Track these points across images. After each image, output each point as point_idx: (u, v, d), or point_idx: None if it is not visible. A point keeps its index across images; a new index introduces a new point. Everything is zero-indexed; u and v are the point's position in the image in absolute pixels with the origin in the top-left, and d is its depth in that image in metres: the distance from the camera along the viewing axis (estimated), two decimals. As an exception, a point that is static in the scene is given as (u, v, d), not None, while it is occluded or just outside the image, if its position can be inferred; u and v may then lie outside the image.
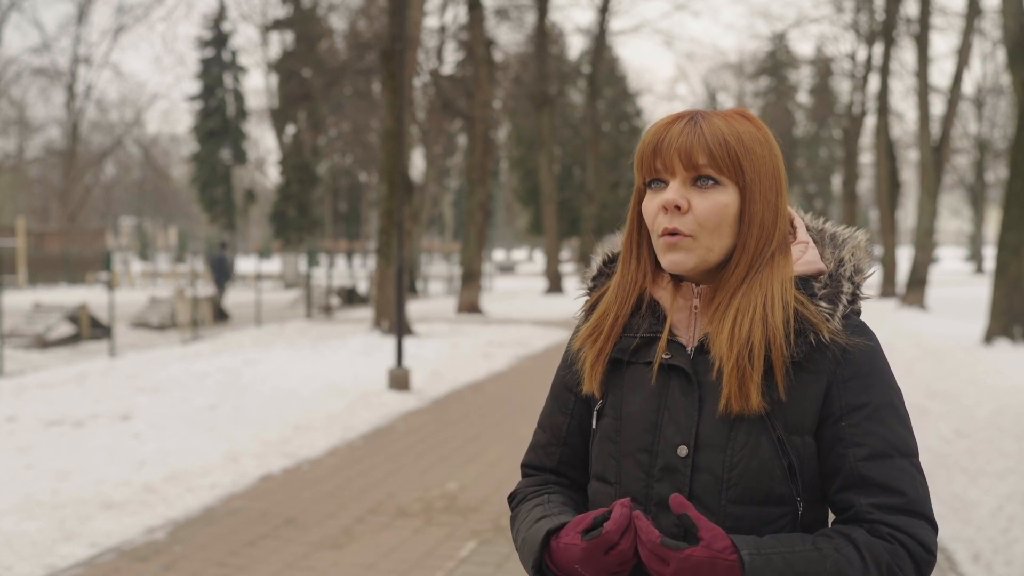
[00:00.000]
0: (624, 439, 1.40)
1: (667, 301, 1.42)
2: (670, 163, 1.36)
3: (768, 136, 1.40)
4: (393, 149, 15.27)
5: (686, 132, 1.35)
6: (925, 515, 1.31)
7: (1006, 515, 5.58)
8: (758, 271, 1.36)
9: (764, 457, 1.32)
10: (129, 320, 19.08)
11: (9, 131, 47.37)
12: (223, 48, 45.87)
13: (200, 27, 45.91)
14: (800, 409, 1.33)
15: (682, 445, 1.34)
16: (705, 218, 1.34)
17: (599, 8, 32.77)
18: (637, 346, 1.42)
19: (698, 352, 1.38)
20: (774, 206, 1.38)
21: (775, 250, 1.38)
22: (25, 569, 4.66)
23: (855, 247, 1.42)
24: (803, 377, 1.33)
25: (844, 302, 1.37)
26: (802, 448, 1.33)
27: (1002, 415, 8.68)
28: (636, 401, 1.40)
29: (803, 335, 1.33)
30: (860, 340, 1.36)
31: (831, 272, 1.40)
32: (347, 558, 4.90)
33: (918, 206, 25.06)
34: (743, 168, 1.35)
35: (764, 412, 1.32)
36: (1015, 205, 14.12)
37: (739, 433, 1.32)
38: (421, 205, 32.79)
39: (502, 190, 57.62)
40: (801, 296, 1.36)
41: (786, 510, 1.33)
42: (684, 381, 1.37)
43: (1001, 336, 14.20)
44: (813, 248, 1.42)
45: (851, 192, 35.49)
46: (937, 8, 27.04)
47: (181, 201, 62.97)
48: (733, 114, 1.40)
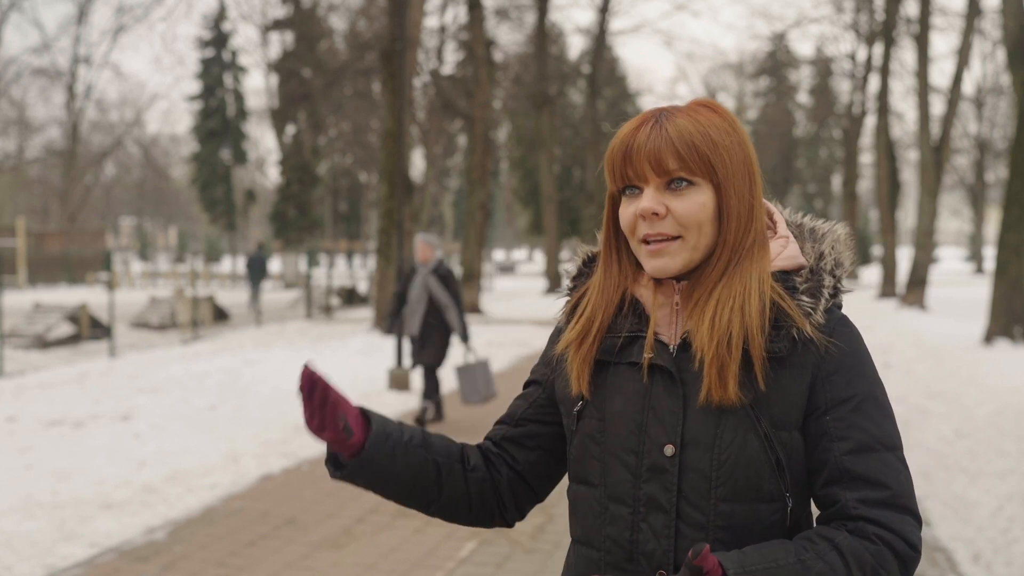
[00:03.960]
0: (609, 440, 1.39)
1: (649, 299, 1.42)
2: (641, 170, 1.35)
3: (735, 126, 1.39)
4: (393, 149, 15.26)
5: (653, 136, 1.35)
6: (910, 509, 1.30)
7: (1006, 515, 5.58)
8: (737, 264, 1.36)
9: (752, 453, 1.31)
10: (129, 320, 19.08)
11: (9, 131, 47.38)
12: (223, 48, 45.88)
13: (200, 27, 45.95)
14: (785, 404, 1.32)
15: (668, 444, 1.34)
16: (686, 219, 1.34)
17: (599, 8, 32.76)
18: (621, 346, 1.41)
19: (680, 350, 1.37)
20: (748, 197, 1.38)
21: (753, 243, 1.37)
22: (25, 569, 4.66)
23: (835, 240, 1.42)
24: (787, 372, 1.33)
25: (826, 296, 1.36)
26: (789, 443, 1.33)
27: (1002, 415, 8.68)
28: (620, 401, 1.39)
29: (784, 330, 1.33)
30: (843, 333, 1.35)
31: (812, 266, 1.39)
32: (347, 558, 4.90)
33: (918, 206, 25.07)
34: (714, 166, 1.35)
35: (749, 407, 1.31)
36: (1015, 205, 14.12)
37: (725, 430, 1.32)
38: (421, 205, 32.77)
39: (502, 190, 57.58)
40: (780, 290, 1.35)
41: (776, 507, 1.32)
42: (668, 380, 1.36)
43: (1001, 336, 14.20)
44: (794, 243, 1.41)
45: (851, 192, 35.52)
46: (937, 8, 27.04)
47: (181, 201, 63.00)
48: (698, 107, 1.39)
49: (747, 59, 49.50)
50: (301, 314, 22.62)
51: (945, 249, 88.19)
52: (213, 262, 51.14)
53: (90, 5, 49.72)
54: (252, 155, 52.12)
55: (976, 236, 53.72)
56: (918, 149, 27.01)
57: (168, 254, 60.17)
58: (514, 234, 74.16)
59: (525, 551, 4.99)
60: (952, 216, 63.14)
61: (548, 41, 31.55)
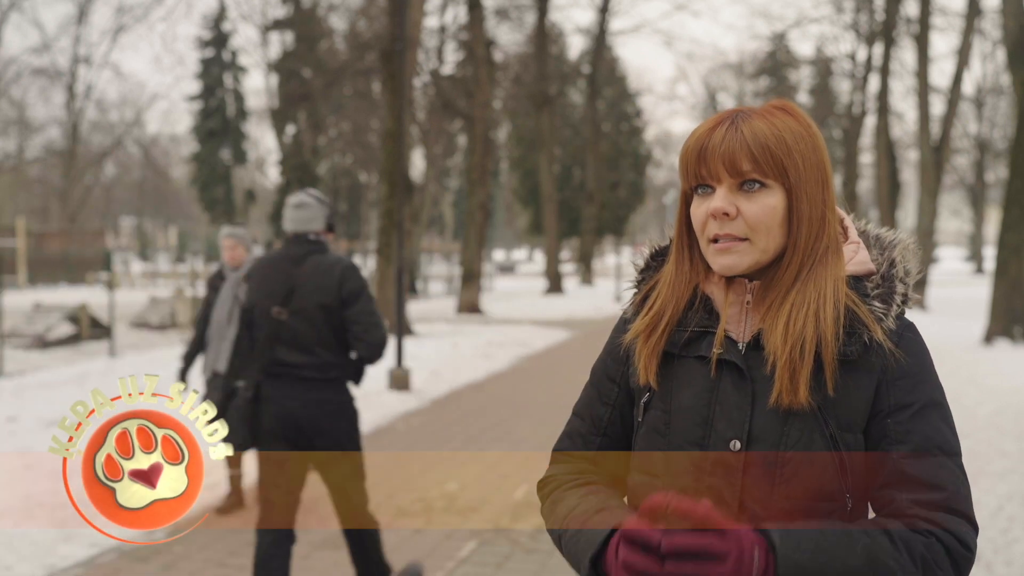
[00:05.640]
0: (674, 432, 1.40)
1: (720, 297, 1.43)
2: (715, 170, 1.37)
3: (811, 130, 1.40)
4: (393, 149, 15.26)
5: (728, 137, 1.36)
6: (965, 514, 1.30)
7: (1006, 515, 5.58)
8: (811, 268, 1.38)
9: (816, 453, 1.33)
10: (129, 320, 19.08)
11: (9, 131, 47.35)
12: (223, 48, 45.87)
13: (200, 27, 45.94)
14: (852, 406, 1.34)
15: (735, 439, 1.35)
16: (755, 222, 1.36)
17: (599, 8, 32.78)
18: (688, 340, 1.43)
19: (750, 348, 1.38)
20: (821, 202, 1.40)
21: (827, 248, 1.39)
22: (25, 569, 4.66)
23: (904, 249, 1.44)
24: (855, 375, 1.34)
25: (897, 302, 1.39)
26: (853, 445, 1.34)
27: (1002, 415, 8.68)
28: (687, 395, 1.40)
29: (856, 334, 1.35)
30: (911, 340, 1.38)
31: (883, 273, 1.41)
32: (347, 558, 4.89)
33: (918, 206, 25.06)
34: (787, 169, 1.36)
35: (816, 408, 1.33)
36: (1015, 205, 14.12)
37: (792, 429, 1.33)
38: (421, 205, 32.80)
39: (502, 190, 57.57)
40: (854, 295, 1.37)
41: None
42: (736, 376, 1.37)
43: (1001, 336, 14.20)
44: (864, 249, 1.44)
45: (851, 192, 35.49)
46: (937, 8, 27.03)
47: (181, 201, 62.96)
48: (774, 110, 1.40)
49: (747, 59, 49.44)
50: (301, 314, 22.59)
51: (945, 249, 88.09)
52: (213, 262, 51.17)
53: (90, 5, 49.74)
54: (252, 155, 52.12)
55: (976, 236, 53.72)
56: (918, 149, 27.00)
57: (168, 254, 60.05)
58: (514, 234, 74.16)
59: (525, 551, 4.99)
60: (952, 216, 63.14)
61: (548, 41, 31.56)
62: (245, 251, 5.88)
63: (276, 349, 3.76)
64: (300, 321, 3.76)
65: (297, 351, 3.75)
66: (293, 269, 3.81)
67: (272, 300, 3.79)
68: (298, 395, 3.73)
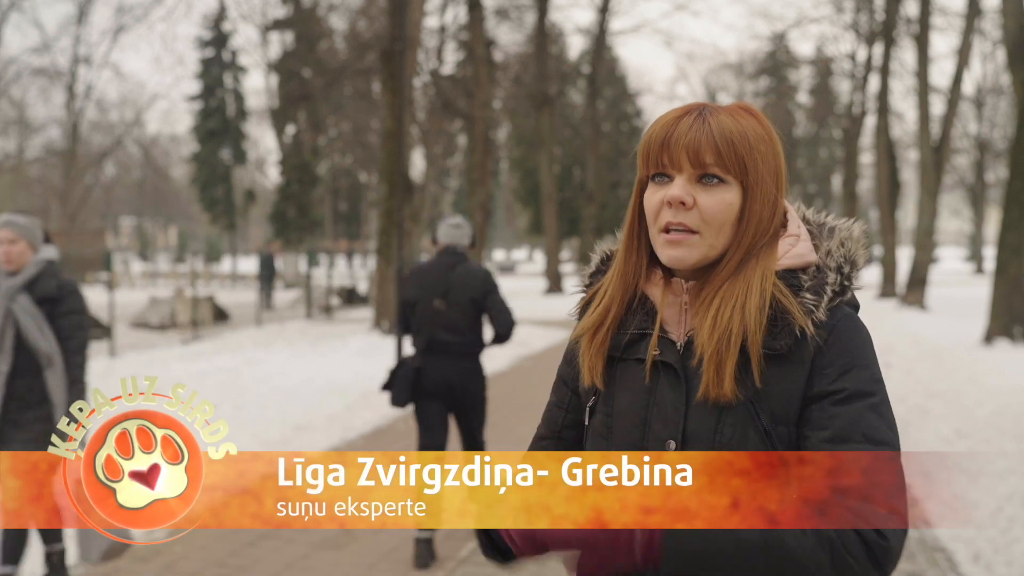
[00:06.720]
0: (615, 436, 1.40)
1: (658, 297, 1.42)
2: (677, 159, 1.36)
3: (771, 133, 1.41)
4: (393, 149, 15.26)
5: (694, 129, 1.36)
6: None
7: (1006, 515, 5.58)
8: (745, 263, 1.37)
9: (751, 448, 1.31)
10: (129, 320, 19.08)
11: (9, 131, 47.33)
12: (223, 48, 45.86)
13: (200, 27, 45.92)
14: (784, 399, 1.33)
15: (670, 439, 1.35)
16: (710, 215, 1.35)
17: (599, 8, 32.76)
18: (628, 342, 1.42)
19: (687, 347, 1.38)
20: (772, 204, 1.40)
21: (765, 244, 1.39)
22: (26, 568, 4.66)
23: (845, 238, 1.42)
24: (787, 367, 1.33)
25: (829, 293, 1.37)
26: (788, 438, 1.33)
27: (1002, 415, 8.68)
28: (626, 398, 1.40)
29: (784, 327, 1.33)
30: (843, 329, 1.35)
31: (818, 264, 1.40)
32: (347, 558, 4.90)
33: (918, 206, 25.06)
34: (747, 168, 1.36)
35: (749, 403, 1.32)
36: (1015, 205, 14.11)
37: (725, 426, 1.33)
38: (421, 205, 32.76)
39: (502, 190, 57.56)
40: (784, 288, 1.36)
41: None
42: (673, 377, 1.37)
43: (1001, 336, 14.19)
44: (805, 241, 1.42)
45: (851, 192, 35.48)
46: (937, 8, 27.04)
47: (181, 201, 62.93)
48: (738, 110, 1.40)
49: (747, 59, 49.42)
50: (301, 314, 22.61)
51: (945, 249, 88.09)
52: (213, 262, 51.11)
53: (90, 5, 49.64)
54: (252, 155, 52.10)
55: (976, 236, 53.68)
56: (918, 149, 27.00)
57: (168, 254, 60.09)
58: (514, 234, 74.13)
59: (525, 551, 4.99)
60: (952, 216, 63.11)
61: (548, 41, 31.55)
62: (32, 250, 4.23)
63: (435, 331, 5.02)
64: (454, 311, 5.02)
65: (451, 332, 5.03)
66: (448, 272, 5.07)
67: (433, 295, 5.02)
68: (451, 364, 5.04)
